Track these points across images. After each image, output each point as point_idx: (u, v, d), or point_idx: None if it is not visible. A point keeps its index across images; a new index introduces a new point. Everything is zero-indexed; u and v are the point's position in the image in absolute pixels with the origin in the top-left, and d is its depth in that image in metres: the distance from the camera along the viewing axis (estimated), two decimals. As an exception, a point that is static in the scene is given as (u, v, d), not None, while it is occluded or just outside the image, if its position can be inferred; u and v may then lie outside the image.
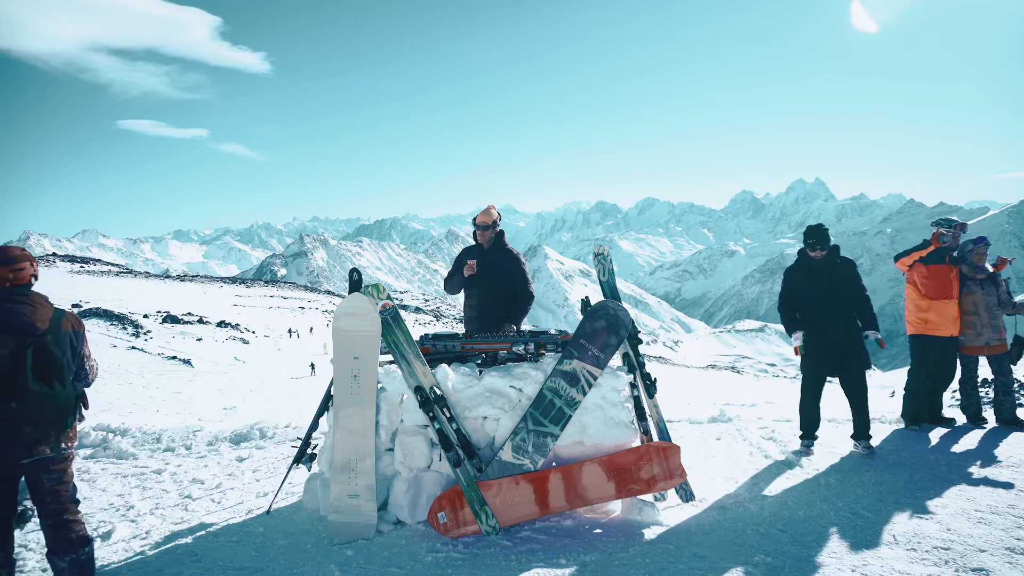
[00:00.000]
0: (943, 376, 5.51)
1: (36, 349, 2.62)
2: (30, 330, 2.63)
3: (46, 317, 2.70)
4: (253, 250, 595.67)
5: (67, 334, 2.75)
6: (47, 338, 2.66)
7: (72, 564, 2.74)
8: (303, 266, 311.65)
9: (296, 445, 5.43)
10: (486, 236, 4.70)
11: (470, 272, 4.60)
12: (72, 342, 2.77)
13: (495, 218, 4.71)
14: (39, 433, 2.64)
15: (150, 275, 75.56)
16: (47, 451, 2.68)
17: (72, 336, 2.78)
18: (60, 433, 2.71)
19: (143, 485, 4.85)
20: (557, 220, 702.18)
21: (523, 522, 3.61)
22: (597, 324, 3.79)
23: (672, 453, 3.72)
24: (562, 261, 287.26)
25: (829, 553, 3.17)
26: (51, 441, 2.69)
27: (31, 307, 2.68)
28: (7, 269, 2.69)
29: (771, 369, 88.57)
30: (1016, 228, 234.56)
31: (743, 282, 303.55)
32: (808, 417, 4.97)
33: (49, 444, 2.69)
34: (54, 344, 2.67)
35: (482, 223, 4.67)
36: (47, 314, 2.71)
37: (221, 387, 18.71)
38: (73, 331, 2.79)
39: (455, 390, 3.78)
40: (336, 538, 3.54)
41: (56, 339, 2.69)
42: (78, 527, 2.80)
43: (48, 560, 2.76)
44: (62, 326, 2.74)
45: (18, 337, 2.60)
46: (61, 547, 2.74)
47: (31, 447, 2.64)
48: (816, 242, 4.82)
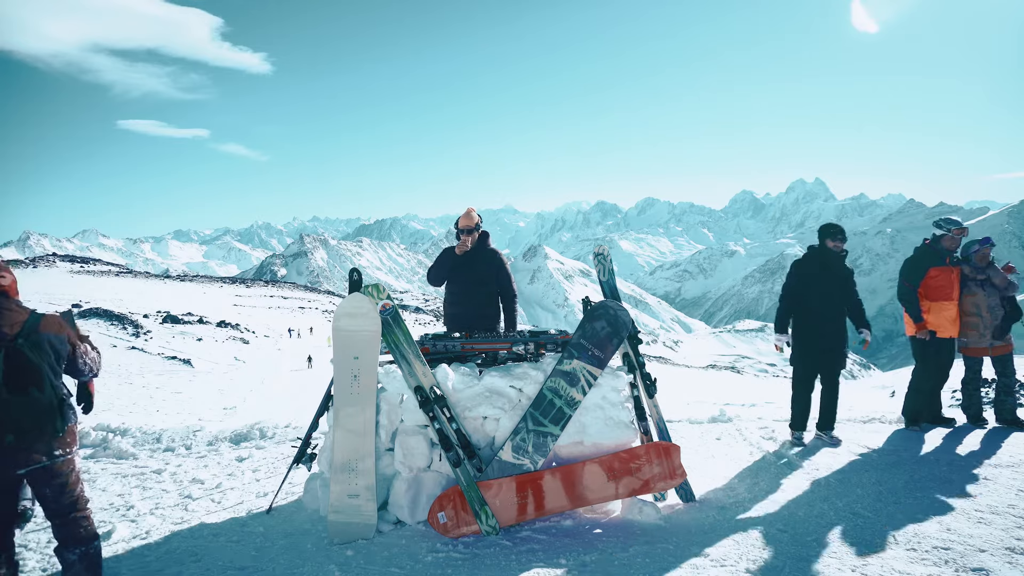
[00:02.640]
0: (941, 376, 5.49)
1: (7, 355, 2.55)
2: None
3: (16, 321, 2.62)
4: (253, 250, 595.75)
5: (45, 336, 2.66)
6: (18, 342, 2.58)
7: (82, 557, 2.75)
8: (303, 266, 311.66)
9: (296, 445, 5.43)
10: (470, 240, 4.63)
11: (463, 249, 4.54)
12: (53, 344, 2.69)
13: (477, 221, 4.68)
14: (24, 443, 2.57)
15: (150, 275, 75.55)
16: (43, 459, 2.63)
17: (53, 339, 2.69)
18: (51, 439, 2.65)
19: (143, 485, 4.85)
20: (557, 220, 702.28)
21: (523, 522, 3.61)
22: (597, 324, 3.79)
23: (672, 453, 3.73)
24: (562, 261, 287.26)
25: (829, 553, 3.17)
26: (42, 449, 2.63)
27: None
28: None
29: (771, 369, 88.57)
30: (1016, 228, 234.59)
31: (743, 282, 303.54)
32: (801, 410, 5.19)
33: (42, 452, 2.63)
34: (29, 348, 2.59)
35: (465, 227, 4.61)
36: (18, 318, 2.64)
37: (221, 387, 18.72)
38: (53, 334, 2.70)
39: (455, 390, 3.78)
40: (336, 538, 3.53)
41: (32, 343, 2.61)
42: (87, 523, 2.80)
43: (57, 553, 2.76)
44: (40, 329, 2.66)
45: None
46: (71, 541, 2.74)
47: (23, 457, 2.58)
48: (839, 232, 5.10)
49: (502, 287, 4.71)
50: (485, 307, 4.66)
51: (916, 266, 5.38)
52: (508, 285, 4.74)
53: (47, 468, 2.67)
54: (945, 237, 5.35)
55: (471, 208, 4.76)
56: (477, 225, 4.70)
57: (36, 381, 2.60)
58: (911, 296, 5.37)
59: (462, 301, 4.67)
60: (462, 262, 4.64)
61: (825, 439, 5.17)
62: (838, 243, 5.06)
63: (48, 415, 2.61)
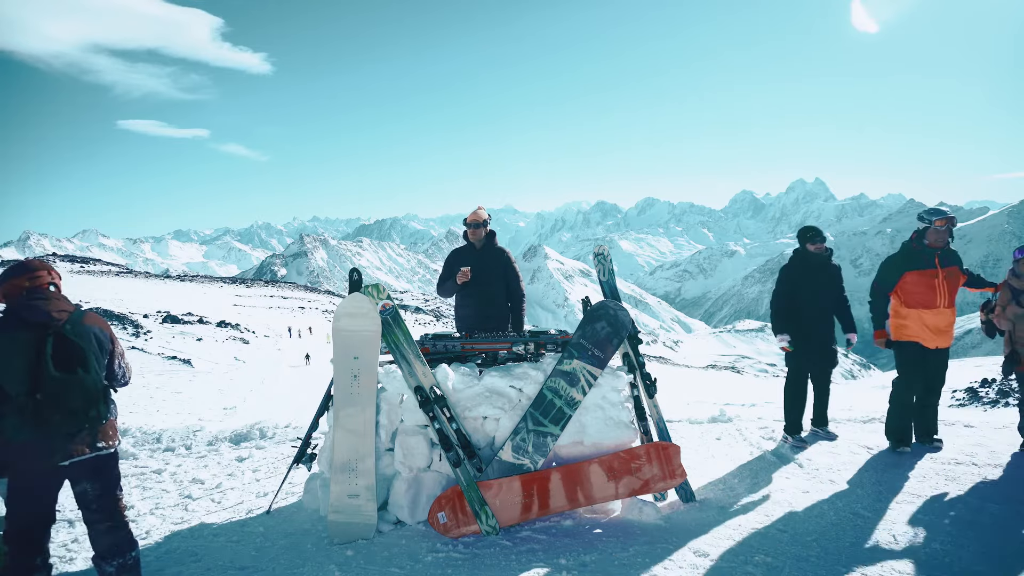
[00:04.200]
0: (929, 388, 4.81)
1: (56, 339, 2.62)
2: (45, 319, 2.63)
3: (64, 309, 2.71)
4: (253, 250, 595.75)
5: (90, 328, 2.74)
6: (66, 327, 2.66)
7: (120, 569, 2.76)
8: (303, 266, 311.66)
9: (296, 445, 5.43)
10: (478, 235, 4.77)
11: (463, 280, 4.60)
12: (97, 337, 2.76)
13: (486, 217, 4.78)
14: (70, 425, 2.60)
15: (150, 275, 75.56)
16: (86, 451, 2.66)
17: (97, 332, 2.77)
18: (95, 427, 2.69)
19: (143, 485, 4.85)
20: (557, 220, 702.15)
21: (523, 522, 3.61)
22: (597, 324, 3.79)
23: (672, 453, 3.73)
24: (562, 261, 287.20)
25: (829, 553, 3.17)
26: (87, 438, 2.66)
27: (46, 301, 2.70)
28: (23, 278, 2.74)
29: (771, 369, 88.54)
30: (1016, 228, 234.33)
31: (743, 282, 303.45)
32: (796, 414, 5.18)
33: (86, 442, 2.66)
34: (74, 335, 2.66)
35: (473, 221, 4.74)
36: (66, 307, 2.73)
37: (221, 387, 18.70)
38: (99, 328, 2.79)
39: (455, 390, 3.78)
40: (336, 538, 3.54)
41: (77, 331, 2.68)
42: (126, 532, 2.81)
43: (94, 563, 2.77)
44: (84, 321, 2.74)
45: (37, 330, 2.61)
46: (109, 552, 2.75)
47: (66, 446, 2.61)
48: (816, 235, 5.05)
49: (510, 286, 4.77)
50: (496, 306, 4.70)
51: (889, 268, 4.81)
52: (517, 285, 4.83)
53: (90, 462, 2.69)
54: (929, 231, 4.70)
55: (480, 207, 4.86)
56: (486, 221, 4.79)
57: (83, 363, 2.65)
58: (876, 300, 4.88)
59: (472, 302, 4.70)
60: (470, 262, 4.66)
61: (822, 434, 5.24)
62: (819, 245, 5.02)
63: (94, 397, 2.66)
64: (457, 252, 4.89)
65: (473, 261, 4.71)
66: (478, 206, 4.83)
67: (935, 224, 4.66)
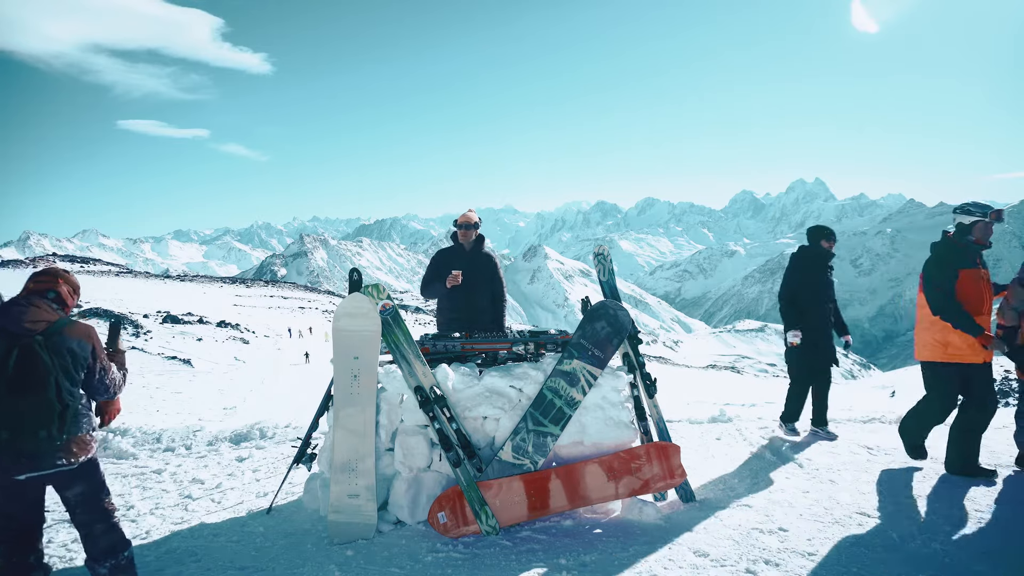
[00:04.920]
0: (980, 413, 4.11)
1: (21, 351, 2.50)
2: (16, 330, 2.52)
3: (41, 320, 2.59)
4: (253, 250, 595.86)
5: (67, 342, 2.61)
6: (37, 339, 2.53)
7: (113, 570, 2.74)
8: (303, 266, 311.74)
9: (296, 445, 5.43)
10: (468, 236, 4.75)
11: (454, 283, 4.53)
12: (73, 351, 2.62)
13: (476, 220, 4.78)
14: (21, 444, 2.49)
15: (150, 275, 75.57)
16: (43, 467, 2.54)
17: (74, 346, 2.63)
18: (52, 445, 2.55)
19: (143, 485, 4.85)
20: (557, 220, 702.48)
21: (523, 522, 3.61)
22: (597, 324, 3.79)
23: (672, 453, 3.73)
24: (562, 261, 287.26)
25: (829, 553, 3.17)
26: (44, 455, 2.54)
27: (25, 308, 2.59)
28: (31, 281, 2.73)
29: (771, 369, 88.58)
30: (1016, 228, 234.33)
31: (743, 282, 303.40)
32: (796, 405, 5.33)
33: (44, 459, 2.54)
34: (44, 348, 2.54)
35: (464, 223, 4.72)
36: (45, 317, 2.61)
37: (221, 387, 18.71)
38: (78, 341, 2.66)
39: (455, 390, 3.78)
40: (336, 538, 3.53)
41: (50, 344, 2.56)
42: (116, 534, 2.78)
43: (87, 566, 2.75)
44: (64, 332, 2.62)
45: (8, 339, 2.50)
46: (102, 554, 2.73)
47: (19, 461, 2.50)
48: (832, 234, 5.23)
49: (495, 292, 4.82)
50: (482, 312, 4.71)
51: (944, 266, 4.04)
52: (500, 289, 4.87)
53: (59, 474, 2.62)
54: (977, 225, 4.04)
55: (471, 209, 4.89)
56: (476, 224, 4.79)
57: (42, 383, 2.53)
58: (953, 305, 3.96)
59: (461, 306, 4.68)
60: (461, 265, 4.66)
61: (822, 434, 5.29)
62: (832, 243, 5.23)
63: (45, 420, 2.53)
64: (445, 253, 4.81)
65: (463, 264, 4.63)
66: (469, 208, 4.85)
67: (989, 217, 4.03)
